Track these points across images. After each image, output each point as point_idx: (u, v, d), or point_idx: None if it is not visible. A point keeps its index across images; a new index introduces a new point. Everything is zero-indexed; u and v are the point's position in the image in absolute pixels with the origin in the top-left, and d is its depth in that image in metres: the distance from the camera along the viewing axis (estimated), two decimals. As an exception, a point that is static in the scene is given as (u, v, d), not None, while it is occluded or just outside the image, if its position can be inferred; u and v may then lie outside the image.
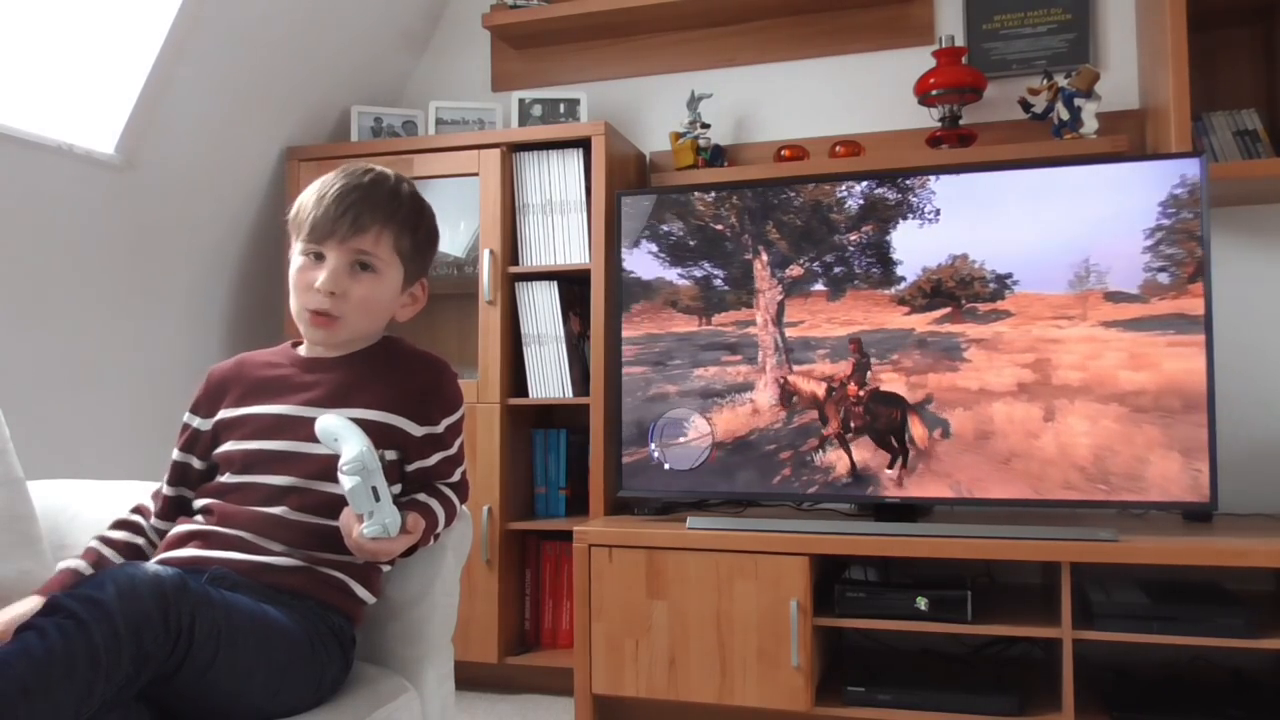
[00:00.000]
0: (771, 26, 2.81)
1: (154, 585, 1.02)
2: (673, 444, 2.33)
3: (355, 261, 1.33)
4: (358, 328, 1.36)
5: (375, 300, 1.35)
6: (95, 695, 0.96)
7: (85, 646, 0.95)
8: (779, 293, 2.24)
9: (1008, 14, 2.62)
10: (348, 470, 1.19)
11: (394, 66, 3.06)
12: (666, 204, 2.34)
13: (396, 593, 1.42)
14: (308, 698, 1.21)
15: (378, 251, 1.33)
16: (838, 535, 2.11)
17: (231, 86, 2.52)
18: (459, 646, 1.57)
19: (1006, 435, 2.13)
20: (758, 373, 2.27)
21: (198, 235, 2.61)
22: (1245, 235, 2.42)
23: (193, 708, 1.11)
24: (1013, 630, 2.03)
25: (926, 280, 2.19)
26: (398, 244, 1.35)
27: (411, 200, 1.38)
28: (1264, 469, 2.36)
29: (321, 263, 1.32)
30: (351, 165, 1.38)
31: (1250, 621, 1.90)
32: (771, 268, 2.26)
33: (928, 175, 2.23)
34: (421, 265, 1.42)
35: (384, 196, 1.34)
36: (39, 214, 2.14)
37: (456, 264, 2.90)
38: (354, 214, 1.31)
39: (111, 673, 0.97)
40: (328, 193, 1.33)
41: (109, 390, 2.37)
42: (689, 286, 2.30)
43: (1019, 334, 2.14)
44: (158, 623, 1.01)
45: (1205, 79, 2.33)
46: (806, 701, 2.09)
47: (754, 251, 2.28)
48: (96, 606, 0.98)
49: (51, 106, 2.18)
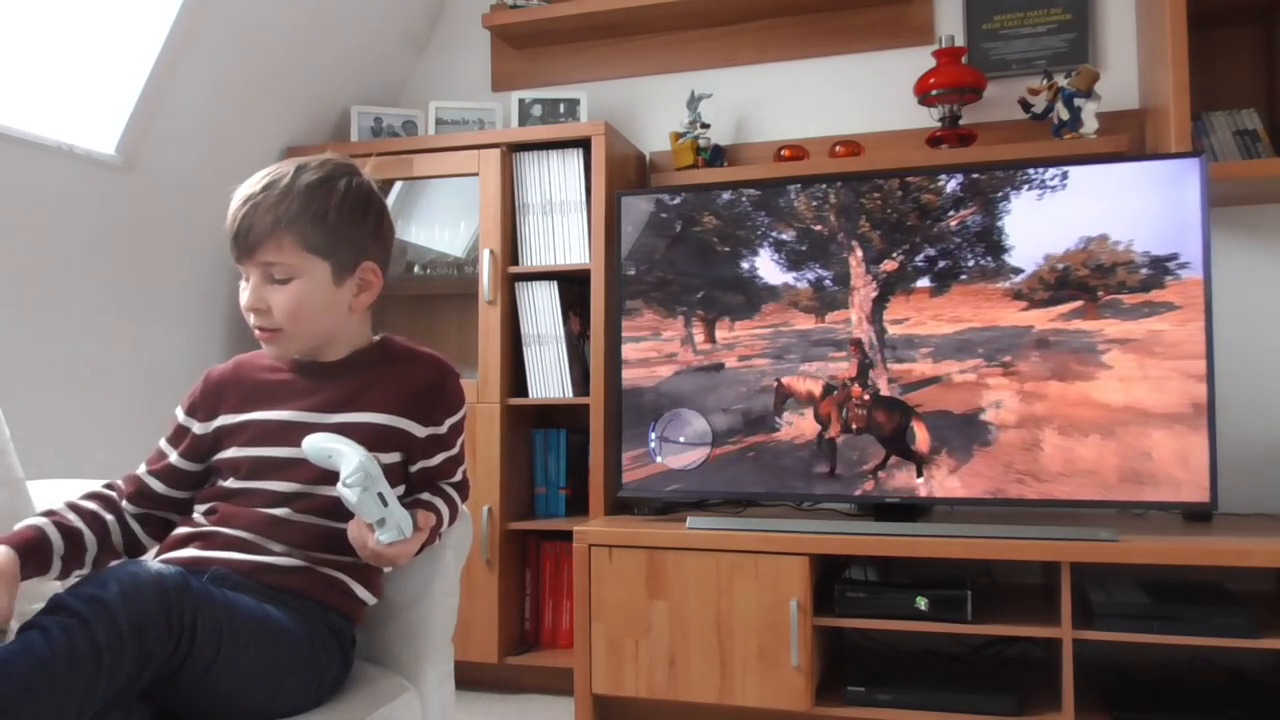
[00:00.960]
0: (771, 26, 2.81)
1: (157, 584, 1.02)
2: (675, 439, 2.34)
3: (270, 276, 1.29)
4: (304, 334, 1.32)
5: (301, 305, 1.29)
6: (98, 693, 0.96)
7: (89, 645, 0.95)
8: (874, 289, 2.20)
9: (1007, 14, 2.62)
10: (352, 483, 1.18)
11: (394, 66, 3.06)
12: (777, 212, 2.29)
13: (396, 593, 1.42)
14: (308, 698, 1.21)
15: (282, 259, 1.27)
16: (838, 535, 2.11)
17: (232, 87, 2.52)
18: (459, 646, 1.57)
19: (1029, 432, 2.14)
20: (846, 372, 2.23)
21: (198, 236, 2.61)
22: (1245, 235, 2.42)
23: (194, 708, 1.11)
24: (1013, 630, 2.03)
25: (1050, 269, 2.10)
26: (307, 242, 1.28)
27: (309, 191, 1.28)
28: (1264, 469, 2.36)
29: (249, 284, 1.31)
30: (265, 168, 1.32)
31: (1250, 621, 1.89)
32: (866, 264, 2.21)
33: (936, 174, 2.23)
34: (353, 249, 1.32)
35: (274, 199, 1.27)
36: (39, 214, 2.14)
37: (456, 264, 2.90)
38: (246, 228, 1.27)
39: (114, 671, 0.97)
40: (232, 207, 1.30)
41: (109, 390, 2.37)
42: (805, 289, 2.26)
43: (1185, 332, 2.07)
44: (160, 621, 1.01)
45: (1205, 79, 2.33)
46: (806, 701, 2.09)
47: (849, 249, 2.24)
48: (100, 605, 0.98)
49: (52, 107, 2.18)
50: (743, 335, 2.30)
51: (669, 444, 2.34)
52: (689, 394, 2.33)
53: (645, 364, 2.37)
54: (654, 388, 2.36)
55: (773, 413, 2.27)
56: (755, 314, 2.30)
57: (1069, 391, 2.11)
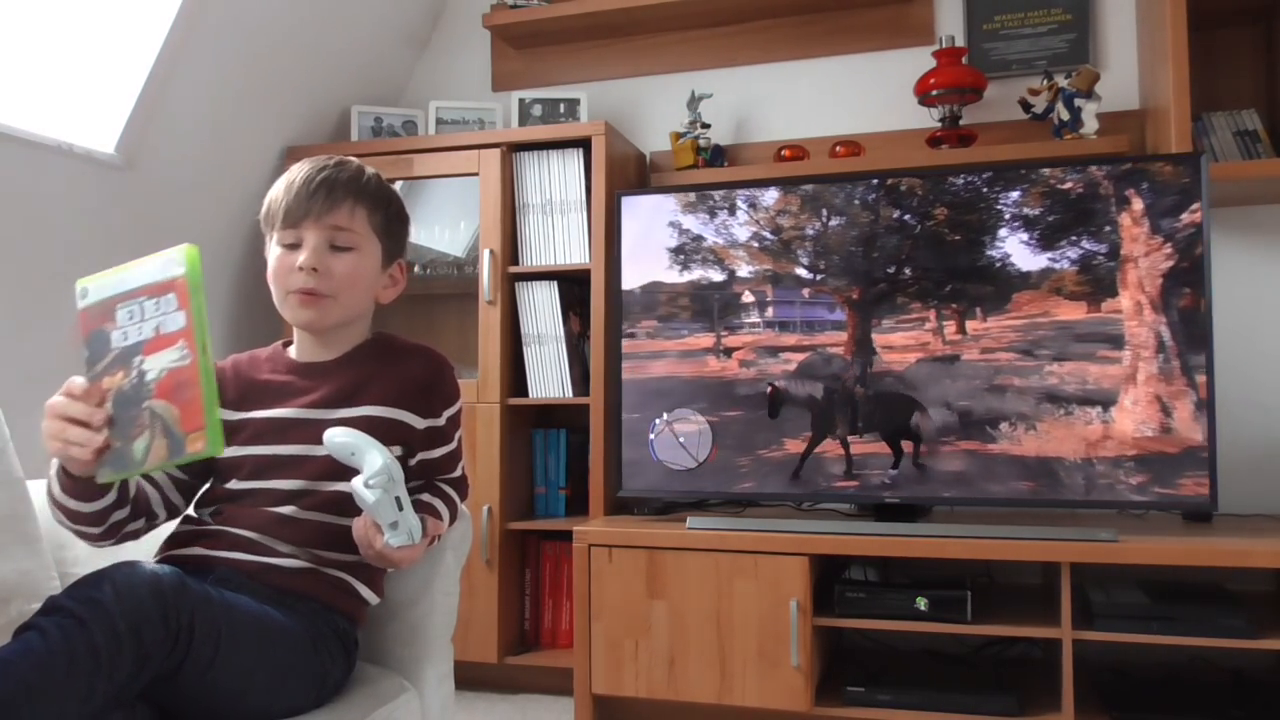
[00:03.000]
0: (772, 26, 2.81)
1: (152, 584, 1.02)
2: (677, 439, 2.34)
3: (333, 242, 1.32)
4: (347, 306, 1.35)
5: (359, 276, 1.35)
6: (97, 694, 0.96)
7: (86, 645, 0.95)
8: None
9: (1008, 14, 2.62)
10: (374, 484, 1.18)
11: (394, 66, 3.06)
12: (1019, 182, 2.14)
13: (396, 593, 1.42)
14: (309, 699, 1.21)
15: (354, 226, 1.34)
16: (837, 535, 2.11)
17: (232, 86, 2.52)
18: (459, 646, 1.57)
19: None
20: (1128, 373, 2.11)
21: (198, 235, 2.61)
22: (1245, 235, 2.42)
23: (195, 708, 1.11)
24: (1012, 630, 2.03)
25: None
26: (371, 219, 1.36)
27: (378, 179, 1.39)
28: (1264, 469, 2.36)
29: (299, 249, 1.32)
30: (314, 157, 1.38)
31: (1250, 622, 1.89)
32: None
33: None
34: (397, 244, 1.42)
35: (351, 175, 1.35)
36: (39, 213, 2.14)
37: (456, 264, 2.90)
38: (326, 191, 1.31)
39: (113, 671, 0.97)
40: (296, 179, 1.33)
41: (109, 390, 2.37)
42: (1070, 270, 2.13)
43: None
44: (157, 621, 1.01)
45: (1205, 79, 2.33)
46: (806, 702, 2.09)
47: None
48: (96, 606, 0.98)
49: (51, 106, 2.18)
50: (993, 327, 2.18)
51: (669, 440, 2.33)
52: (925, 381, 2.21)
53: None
54: (901, 374, 2.23)
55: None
56: (1007, 304, 2.18)
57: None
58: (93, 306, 1.09)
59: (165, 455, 1.03)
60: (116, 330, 1.07)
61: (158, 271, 1.06)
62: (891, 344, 2.23)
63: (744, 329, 2.32)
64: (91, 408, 1.05)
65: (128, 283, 1.08)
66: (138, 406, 1.04)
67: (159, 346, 1.04)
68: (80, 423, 1.05)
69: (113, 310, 1.07)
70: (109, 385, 1.06)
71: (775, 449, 2.28)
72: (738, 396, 2.30)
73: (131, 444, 1.04)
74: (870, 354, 2.24)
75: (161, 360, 1.04)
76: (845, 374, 2.25)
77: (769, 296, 2.30)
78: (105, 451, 1.06)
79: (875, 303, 2.24)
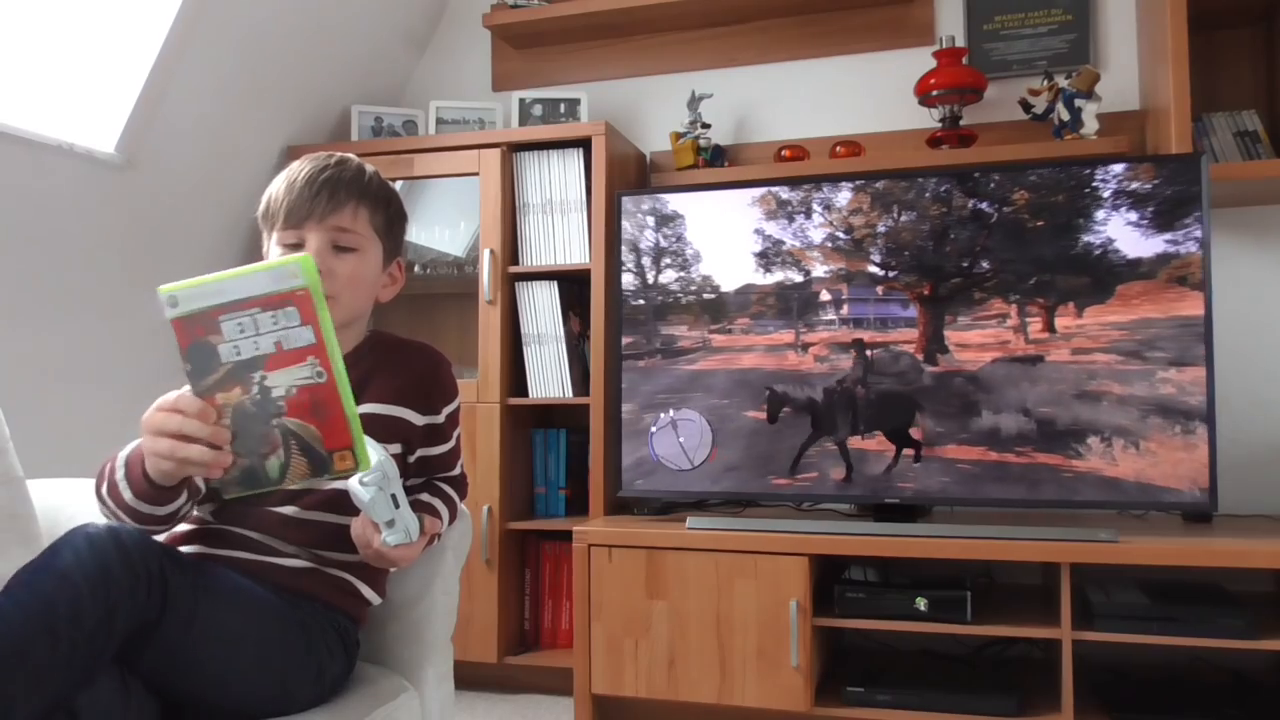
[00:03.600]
0: (772, 27, 2.81)
1: (110, 537, 1.02)
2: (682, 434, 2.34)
3: (335, 243, 1.32)
4: (349, 307, 1.35)
5: (361, 277, 1.34)
6: (69, 648, 0.95)
7: (40, 599, 0.95)
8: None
9: (1008, 14, 2.62)
10: (369, 482, 1.17)
11: (394, 66, 3.06)
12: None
13: (396, 592, 1.42)
14: (307, 691, 1.21)
15: (356, 227, 1.33)
16: (837, 535, 2.11)
17: (232, 85, 2.52)
18: (458, 646, 1.57)
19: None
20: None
21: (198, 234, 2.61)
22: (1245, 236, 2.42)
23: (187, 684, 1.10)
24: (1012, 631, 2.03)
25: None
26: (373, 220, 1.35)
27: (378, 178, 1.39)
28: (1264, 470, 2.36)
29: (300, 250, 1.31)
30: (314, 155, 1.38)
31: (1250, 623, 1.89)
32: None
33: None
34: (396, 244, 1.42)
35: (353, 175, 1.34)
36: (39, 213, 2.14)
37: (456, 264, 2.90)
38: (329, 192, 1.31)
39: (78, 618, 0.96)
40: (297, 178, 1.32)
41: (109, 389, 2.37)
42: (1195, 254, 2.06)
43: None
44: (119, 568, 1.00)
45: (1205, 80, 2.33)
46: (806, 702, 2.09)
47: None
48: (53, 575, 0.98)
49: (52, 105, 2.18)
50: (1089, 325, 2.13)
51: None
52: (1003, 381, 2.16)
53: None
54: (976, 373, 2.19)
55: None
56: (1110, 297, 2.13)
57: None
58: (188, 316, 1.02)
59: (307, 473, 1.02)
60: (225, 344, 1.01)
61: (271, 283, 1.01)
62: (966, 342, 2.17)
63: (820, 326, 2.28)
64: (215, 427, 1.02)
65: (229, 293, 1.01)
66: (265, 424, 1.02)
67: (284, 363, 1.01)
68: (202, 441, 1.02)
69: (215, 322, 1.01)
70: (224, 401, 1.02)
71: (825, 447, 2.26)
72: (809, 389, 2.27)
73: (264, 461, 1.03)
74: (941, 351, 2.17)
75: (289, 377, 1.01)
76: (912, 370, 2.20)
77: (844, 294, 2.27)
78: (230, 469, 1.03)
79: (948, 299, 2.18)
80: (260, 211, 1.36)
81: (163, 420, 1.03)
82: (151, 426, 1.04)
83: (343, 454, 1.02)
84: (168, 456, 1.03)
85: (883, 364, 2.23)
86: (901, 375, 2.22)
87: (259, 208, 1.37)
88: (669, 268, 2.39)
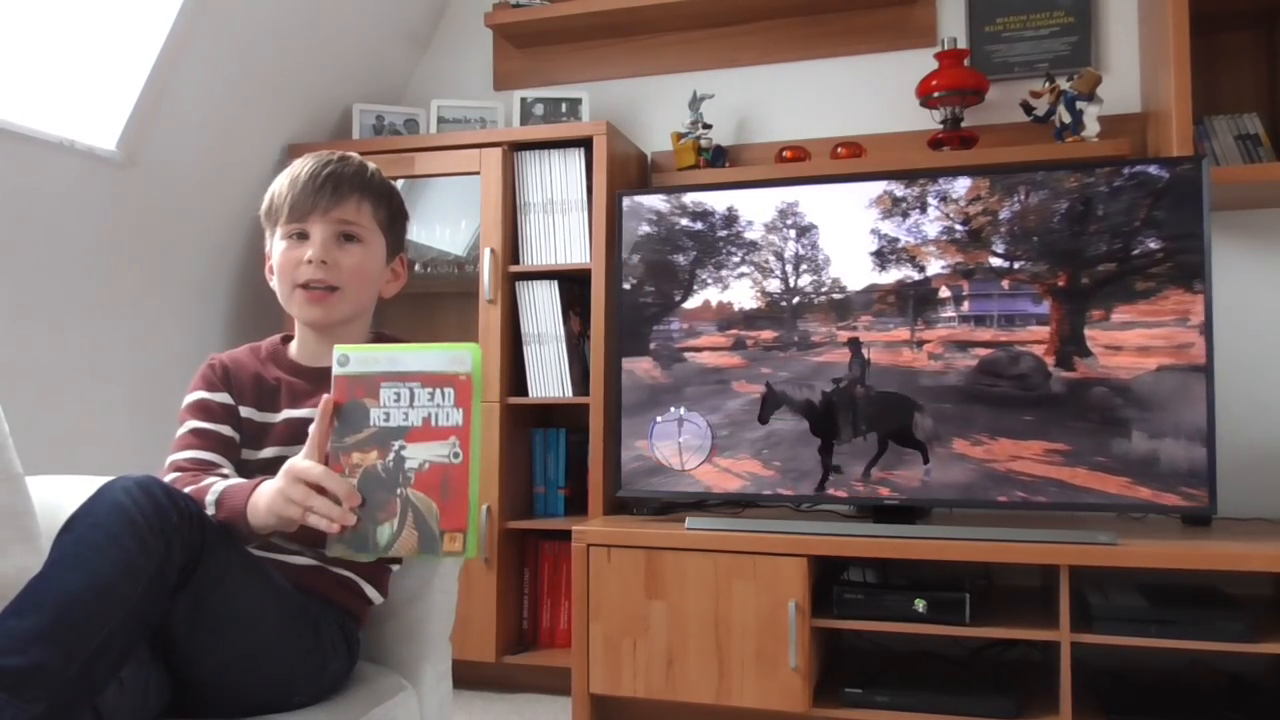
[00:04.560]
0: (774, 27, 2.81)
1: (151, 480, 1.07)
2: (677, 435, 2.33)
3: (340, 233, 1.33)
4: (354, 300, 1.35)
5: (366, 270, 1.35)
6: (145, 580, 1.01)
7: (112, 540, 1.01)
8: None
9: (1010, 16, 2.62)
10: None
11: (396, 64, 3.06)
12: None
13: (395, 591, 1.42)
14: (308, 685, 1.21)
15: (360, 220, 1.35)
16: (836, 537, 2.11)
17: (233, 83, 2.52)
18: (457, 645, 1.57)
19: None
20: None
21: (199, 232, 2.61)
22: (1246, 239, 2.42)
23: (206, 655, 1.12)
24: (1011, 633, 2.03)
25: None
26: (376, 214, 1.37)
27: (380, 174, 1.41)
28: (1263, 473, 2.36)
29: (305, 241, 1.33)
30: (316, 152, 1.39)
31: (1249, 626, 1.89)
32: None
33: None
34: (398, 239, 1.43)
35: (356, 169, 1.36)
36: (40, 210, 2.14)
37: (457, 263, 2.90)
38: (332, 185, 1.32)
39: (146, 550, 1.01)
40: (300, 173, 1.34)
41: (110, 386, 2.37)
42: None
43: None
44: (166, 501, 1.05)
45: (1207, 83, 2.33)
46: (804, 703, 2.09)
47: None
48: (107, 509, 1.03)
49: (53, 103, 2.18)
50: None
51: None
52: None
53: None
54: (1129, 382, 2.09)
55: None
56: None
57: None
58: (354, 377, 1.08)
59: (415, 548, 1.05)
60: (378, 409, 1.07)
61: (439, 363, 1.07)
62: (1120, 343, 1.99)
63: (940, 323, 2.23)
64: (351, 488, 1.05)
65: (400, 364, 1.07)
66: (390, 492, 1.05)
67: (426, 437, 1.06)
68: (333, 496, 1.05)
69: (376, 387, 1.07)
70: (359, 461, 1.06)
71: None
72: (921, 386, 2.23)
73: (377, 527, 1.05)
74: (1081, 354, 1.99)
75: (426, 452, 1.05)
76: (1037, 373, 2.09)
77: (964, 290, 2.22)
78: (346, 529, 1.06)
79: (1091, 291, 2.00)
80: (263, 209, 1.37)
81: (305, 469, 1.07)
82: (296, 473, 1.08)
83: (454, 536, 1.05)
84: (299, 502, 1.06)
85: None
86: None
87: (262, 205, 1.37)
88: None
